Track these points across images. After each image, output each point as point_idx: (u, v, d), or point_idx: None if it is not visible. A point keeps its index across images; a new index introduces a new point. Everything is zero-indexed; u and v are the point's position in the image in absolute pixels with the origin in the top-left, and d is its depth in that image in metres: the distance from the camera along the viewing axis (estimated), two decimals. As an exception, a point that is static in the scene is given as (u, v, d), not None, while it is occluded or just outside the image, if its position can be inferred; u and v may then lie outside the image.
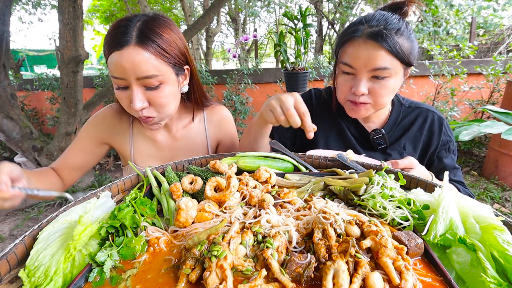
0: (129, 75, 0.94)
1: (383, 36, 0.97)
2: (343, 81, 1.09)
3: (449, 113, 3.49)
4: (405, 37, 1.00)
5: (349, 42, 1.04)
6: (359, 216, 0.64)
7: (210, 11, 3.53)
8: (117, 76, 0.95)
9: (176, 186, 0.76)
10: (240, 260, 0.53)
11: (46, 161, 3.42)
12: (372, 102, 1.07)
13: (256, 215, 0.67)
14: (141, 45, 0.93)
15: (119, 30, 0.94)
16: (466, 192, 1.17)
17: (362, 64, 1.01)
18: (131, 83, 0.95)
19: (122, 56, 0.92)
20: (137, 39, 0.93)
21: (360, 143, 1.24)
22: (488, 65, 3.80)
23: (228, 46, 12.19)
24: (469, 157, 4.12)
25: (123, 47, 0.92)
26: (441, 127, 1.21)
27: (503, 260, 0.49)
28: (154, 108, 1.02)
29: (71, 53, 2.76)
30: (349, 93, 1.09)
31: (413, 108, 1.24)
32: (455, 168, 1.22)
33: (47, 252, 0.56)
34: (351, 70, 1.05)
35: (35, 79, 5.10)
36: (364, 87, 1.03)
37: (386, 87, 1.03)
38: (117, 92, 1.01)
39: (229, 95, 4.08)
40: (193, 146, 1.29)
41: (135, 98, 0.96)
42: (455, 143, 1.26)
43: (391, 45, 0.97)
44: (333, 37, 7.90)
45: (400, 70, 1.03)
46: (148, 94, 0.99)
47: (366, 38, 0.99)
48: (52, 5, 7.95)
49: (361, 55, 1.00)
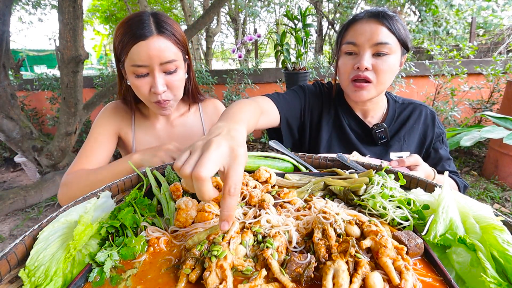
0: (154, 61, 1.05)
1: (384, 16, 1.07)
2: (346, 61, 1.14)
3: (449, 113, 3.49)
4: (400, 24, 1.09)
5: (352, 24, 1.13)
6: (359, 216, 0.64)
7: (210, 11, 3.53)
8: (141, 64, 1.05)
9: (176, 186, 0.76)
10: (240, 260, 0.53)
11: (46, 161, 3.42)
12: (374, 80, 1.11)
13: (256, 215, 0.67)
14: (162, 35, 1.07)
15: (138, 25, 1.05)
16: (462, 182, 1.23)
17: (365, 39, 1.07)
18: (153, 69, 1.07)
19: (149, 45, 1.04)
20: (157, 30, 1.06)
21: (362, 139, 1.27)
22: (488, 65, 3.80)
23: (228, 46, 12.20)
24: (469, 157, 4.11)
25: (148, 37, 1.04)
26: (433, 120, 1.28)
27: (503, 260, 0.49)
28: (171, 91, 1.15)
29: (71, 53, 2.76)
30: (352, 71, 1.13)
31: (407, 104, 1.31)
32: (449, 159, 1.29)
33: (47, 252, 0.56)
34: (354, 49, 1.11)
35: (35, 79, 5.10)
36: (368, 62, 1.08)
37: (388, 63, 1.09)
38: (136, 80, 1.09)
39: (229, 95, 4.08)
40: (190, 132, 1.38)
41: (158, 83, 1.08)
42: (446, 134, 1.34)
43: (391, 23, 1.07)
44: (333, 37, 7.90)
45: (398, 50, 1.11)
46: (167, 78, 1.11)
47: (368, 17, 1.09)
48: (52, 5, 7.95)
49: (364, 31, 1.08)
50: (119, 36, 1.08)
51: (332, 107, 1.31)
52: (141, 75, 1.08)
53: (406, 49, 1.14)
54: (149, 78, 1.09)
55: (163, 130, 1.35)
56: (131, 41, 1.04)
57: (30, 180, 4.27)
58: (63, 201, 1.15)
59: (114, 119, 1.30)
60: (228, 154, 0.52)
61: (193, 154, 0.52)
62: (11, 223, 3.18)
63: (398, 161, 0.98)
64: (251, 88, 4.17)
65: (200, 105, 1.44)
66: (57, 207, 3.46)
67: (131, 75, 1.10)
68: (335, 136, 1.29)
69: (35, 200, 3.32)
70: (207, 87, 4.23)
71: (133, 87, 1.14)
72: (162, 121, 1.36)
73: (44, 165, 3.54)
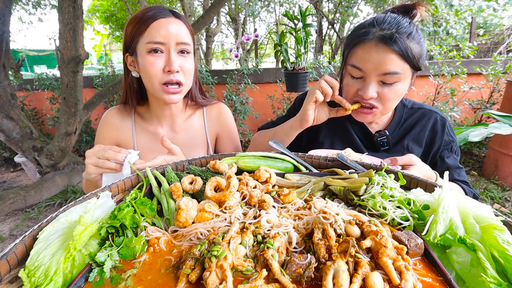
0: (172, 38, 1.09)
1: (395, 40, 0.96)
2: (351, 83, 1.08)
3: (449, 113, 3.49)
4: (415, 42, 0.99)
5: (360, 44, 1.02)
6: (359, 216, 0.64)
7: (210, 11, 3.53)
8: (159, 40, 1.08)
9: (176, 186, 0.76)
10: (240, 260, 0.53)
11: (46, 161, 3.42)
12: (379, 107, 1.06)
13: (256, 215, 0.67)
14: (179, 19, 1.14)
15: (156, 9, 1.11)
16: (471, 192, 1.16)
17: (372, 68, 0.99)
18: (170, 47, 1.09)
19: (169, 22, 1.09)
20: (173, 15, 1.13)
21: (364, 144, 1.25)
22: (488, 65, 3.80)
23: (228, 46, 12.19)
24: (469, 157, 4.11)
25: (167, 16, 1.10)
26: (444, 127, 1.21)
27: (503, 260, 0.49)
28: (184, 75, 1.15)
29: (71, 53, 2.76)
30: (355, 96, 1.08)
31: (416, 109, 1.24)
32: (459, 168, 1.21)
33: (47, 252, 0.56)
34: (360, 74, 1.04)
35: (35, 79, 5.10)
36: (373, 91, 1.02)
37: (395, 92, 1.02)
38: (150, 57, 1.09)
39: (229, 95, 4.08)
40: (193, 139, 1.35)
41: (174, 61, 1.09)
42: (457, 143, 1.26)
43: (402, 49, 0.96)
44: (333, 37, 7.90)
45: (409, 75, 1.02)
46: (181, 60, 1.13)
47: (378, 41, 0.98)
48: (52, 5, 7.95)
49: (371, 58, 0.99)
50: (135, 20, 1.10)
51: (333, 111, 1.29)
52: (157, 50, 1.09)
53: (418, 70, 1.04)
54: (163, 57, 1.10)
55: (165, 136, 1.32)
56: (151, 19, 1.07)
57: (30, 180, 4.28)
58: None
59: (110, 127, 1.29)
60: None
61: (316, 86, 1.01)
62: (11, 223, 3.18)
63: (391, 159, 0.97)
64: (251, 88, 4.16)
65: (205, 110, 1.39)
66: (57, 207, 3.46)
67: (145, 54, 1.09)
68: (338, 139, 1.27)
69: (35, 200, 3.32)
70: (207, 87, 4.23)
71: (145, 67, 1.11)
72: (165, 127, 1.32)
73: (44, 165, 3.54)
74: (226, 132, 1.40)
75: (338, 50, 7.01)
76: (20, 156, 3.83)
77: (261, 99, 4.61)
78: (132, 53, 1.15)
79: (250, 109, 4.06)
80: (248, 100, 4.12)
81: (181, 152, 1.07)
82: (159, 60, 1.10)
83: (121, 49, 1.27)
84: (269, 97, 4.34)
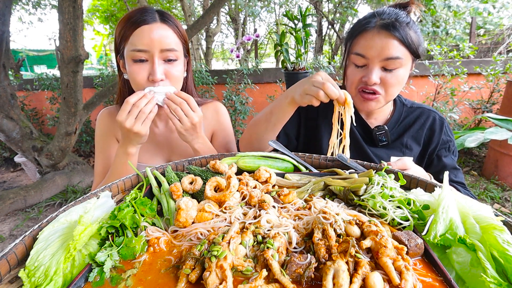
0: (155, 46, 1.04)
1: (395, 27, 1.02)
2: (354, 72, 1.12)
3: (449, 113, 3.49)
4: (414, 31, 1.05)
5: (362, 33, 1.08)
6: (359, 216, 0.64)
7: (210, 11, 3.53)
8: (142, 48, 1.04)
9: (176, 186, 0.76)
10: (240, 260, 0.53)
11: (46, 161, 3.42)
12: (383, 93, 1.09)
13: (256, 215, 0.67)
14: (165, 23, 1.08)
15: (142, 12, 1.06)
16: (467, 194, 1.16)
17: (375, 54, 1.04)
18: (153, 55, 1.05)
19: (152, 29, 1.04)
20: (160, 19, 1.08)
21: (363, 138, 1.26)
22: (488, 65, 3.80)
23: (228, 46, 12.19)
24: (469, 157, 4.11)
25: (151, 22, 1.05)
26: (442, 126, 1.23)
27: (503, 260, 0.49)
28: (170, 82, 1.11)
29: (71, 53, 2.76)
30: (360, 83, 1.11)
31: (415, 108, 1.27)
32: (456, 169, 1.23)
33: (47, 252, 0.56)
34: (363, 61, 1.08)
35: (35, 79, 5.10)
36: (376, 76, 1.06)
37: (396, 77, 1.06)
38: (134, 66, 1.07)
39: (229, 95, 4.08)
40: None
41: (157, 69, 1.05)
42: (455, 144, 1.27)
43: (403, 35, 1.02)
44: (333, 37, 7.90)
45: (409, 61, 1.08)
46: (166, 67, 1.09)
47: (379, 28, 1.04)
48: (52, 5, 7.94)
49: (374, 44, 1.04)
50: (122, 23, 1.07)
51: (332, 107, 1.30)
52: (139, 59, 1.05)
53: (417, 57, 1.10)
54: (147, 65, 1.06)
55: (161, 135, 1.32)
56: (134, 26, 1.04)
57: (30, 180, 4.27)
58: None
59: (108, 123, 1.29)
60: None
61: (315, 83, 0.96)
62: (11, 223, 3.18)
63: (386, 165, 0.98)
64: (251, 88, 4.16)
65: (201, 109, 1.38)
66: (57, 207, 3.46)
67: (130, 61, 1.07)
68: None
69: (35, 200, 3.32)
70: (207, 87, 4.23)
71: (130, 75, 1.09)
72: (161, 126, 1.33)
73: (44, 165, 3.53)
74: (220, 130, 1.42)
75: (338, 50, 7.01)
76: (20, 156, 3.83)
77: (261, 99, 4.61)
78: (121, 57, 1.13)
79: (250, 109, 4.06)
80: (248, 100, 4.12)
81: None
82: (143, 69, 1.07)
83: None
84: (269, 97, 4.34)
